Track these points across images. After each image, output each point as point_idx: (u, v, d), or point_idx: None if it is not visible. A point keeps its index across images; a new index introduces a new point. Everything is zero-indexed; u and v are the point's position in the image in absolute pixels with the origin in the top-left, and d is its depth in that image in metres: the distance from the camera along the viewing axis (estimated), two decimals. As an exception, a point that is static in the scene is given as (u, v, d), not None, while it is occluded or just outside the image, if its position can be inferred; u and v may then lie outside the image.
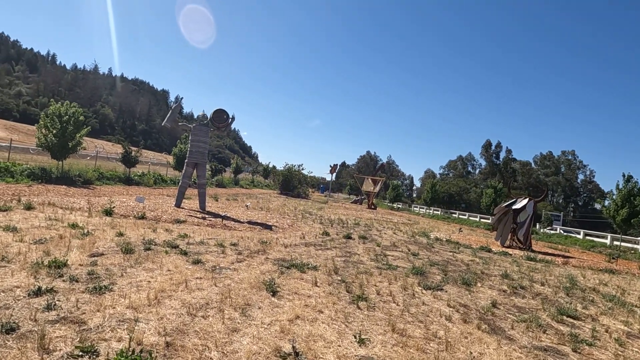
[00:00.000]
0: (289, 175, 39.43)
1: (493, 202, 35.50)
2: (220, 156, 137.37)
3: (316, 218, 17.46)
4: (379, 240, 12.35)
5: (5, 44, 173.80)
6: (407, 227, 19.86)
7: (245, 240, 9.02)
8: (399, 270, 7.68)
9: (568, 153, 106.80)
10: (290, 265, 6.76)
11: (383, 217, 25.83)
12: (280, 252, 8.13)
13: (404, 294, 5.86)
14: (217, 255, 6.88)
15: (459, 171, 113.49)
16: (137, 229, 8.57)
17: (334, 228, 14.27)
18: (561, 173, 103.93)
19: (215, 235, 9.12)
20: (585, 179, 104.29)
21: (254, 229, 11.26)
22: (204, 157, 13.62)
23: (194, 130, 13.48)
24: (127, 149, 22.93)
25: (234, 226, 11.05)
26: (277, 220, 14.02)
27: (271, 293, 5.03)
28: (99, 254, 5.82)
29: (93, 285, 4.35)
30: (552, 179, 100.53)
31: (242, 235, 9.79)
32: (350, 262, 7.97)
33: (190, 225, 10.25)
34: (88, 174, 19.00)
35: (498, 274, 8.74)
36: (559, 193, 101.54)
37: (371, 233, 14.25)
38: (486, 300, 6.16)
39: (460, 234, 19.10)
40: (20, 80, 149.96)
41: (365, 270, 7.19)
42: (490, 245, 14.67)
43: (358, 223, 17.59)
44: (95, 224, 8.43)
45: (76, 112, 18.21)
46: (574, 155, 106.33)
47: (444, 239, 15.33)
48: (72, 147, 18.09)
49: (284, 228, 12.35)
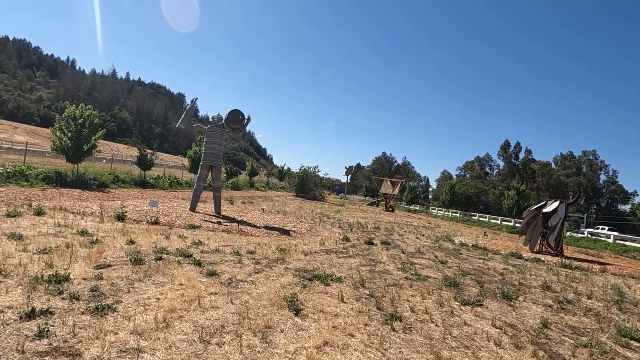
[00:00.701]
0: (305, 178, 38.93)
1: (516, 204, 34.31)
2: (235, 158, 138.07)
3: (334, 222, 16.87)
4: (402, 246, 11.68)
5: (27, 50, 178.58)
6: (428, 231, 19.09)
7: (263, 247, 8.49)
8: (430, 281, 7.03)
9: (589, 153, 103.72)
10: (312, 276, 6.19)
11: (402, 220, 25.07)
12: (300, 260, 7.57)
13: (441, 311, 5.23)
14: (234, 266, 6.36)
15: (476, 172, 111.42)
16: (149, 235, 8.12)
17: (354, 233, 13.66)
18: (582, 173, 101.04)
19: (231, 242, 8.62)
20: (608, 180, 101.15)
21: (271, 234, 10.74)
22: (219, 159, 13.18)
23: (208, 132, 13.06)
24: (143, 151, 22.76)
25: (250, 232, 10.54)
26: (295, 224, 13.48)
27: (294, 312, 4.47)
28: (106, 265, 5.35)
29: (95, 304, 3.85)
30: (574, 179, 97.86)
31: (259, 241, 9.27)
32: (376, 272, 7.36)
33: (205, 231, 9.78)
34: (103, 177, 18.81)
35: (537, 284, 8.00)
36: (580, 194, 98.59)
37: (393, 238, 13.58)
38: (533, 318, 5.48)
39: (485, 238, 18.26)
40: (41, 86, 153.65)
41: (394, 282, 6.57)
42: (519, 251, 13.83)
43: (378, 227, 16.93)
44: (106, 231, 8.01)
45: (91, 114, 18.02)
46: (595, 155, 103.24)
47: (469, 244, 14.54)
48: (87, 150, 17.91)
49: (303, 233, 11.80)
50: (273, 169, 56.42)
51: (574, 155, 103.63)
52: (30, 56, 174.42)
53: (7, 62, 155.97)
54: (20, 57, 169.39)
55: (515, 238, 22.49)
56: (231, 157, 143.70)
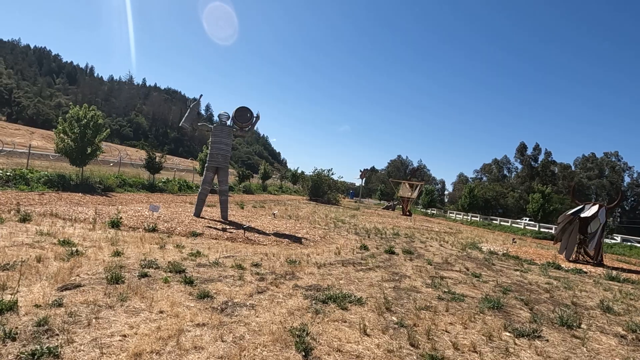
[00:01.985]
0: (319, 181, 37.85)
1: (541, 208, 32.57)
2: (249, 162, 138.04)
3: (350, 227, 15.76)
4: (427, 255, 10.50)
5: (47, 58, 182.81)
6: (451, 237, 17.80)
7: (270, 258, 7.44)
8: (468, 301, 5.86)
9: (611, 155, 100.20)
10: (326, 297, 5.10)
11: (421, 225, 23.76)
12: (313, 275, 6.49)
13: (492, 347, 4.08)
14: (233, 283, 5.32)
15: (494, 175, 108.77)
16: (142, 245, 7.17)
17: (371, 240, 12.53)
18: (604, 175, 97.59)
19: (235, 252, 7.61)
20: (632, 182, 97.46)
21: (281, 242, 9.69)
22: (226, 160, 12.23)
23: (214, 131, 12.14)
24: (151, 154, 22.03)
25: (257, 239, 9.52)
26: (307, 231, 12.41)
27: (303, 352, 3.39)
28: (75, 285, 4.37)
29: (33, 347, 2.85)
30: (596, 182, 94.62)
31: (267, 251, 8.24)
32: (402, 289, 6.23)
33: (207, 239, 8.80)
34: (109, 181, 18.10)
35: (593, 304, 6.74)
36: (603, 197, 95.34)
37: (415, 246, 12.40)
38: (611, 356, 4.28)
39: (514, 245, 16.88)
40: (60, 92, 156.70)
41: (425, 304, 5.43)
42: (557, 261, 12.48)
43: (397, 233, 15.73)
44: (94, 240, 7.09)
45: (95, 115, 17.35)
46: (618, 157, 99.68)
47: (499, 252, 13.24)
48: (91, 153, 17.20)
49: (316, 241, 10.73)
50: (286, 172, 55.51)
51: (595, 157, 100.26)
52: (50, 64, 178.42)
53: (28, 70, 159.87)
54: (41, 64, 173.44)
55: (546, 244, 21.00)
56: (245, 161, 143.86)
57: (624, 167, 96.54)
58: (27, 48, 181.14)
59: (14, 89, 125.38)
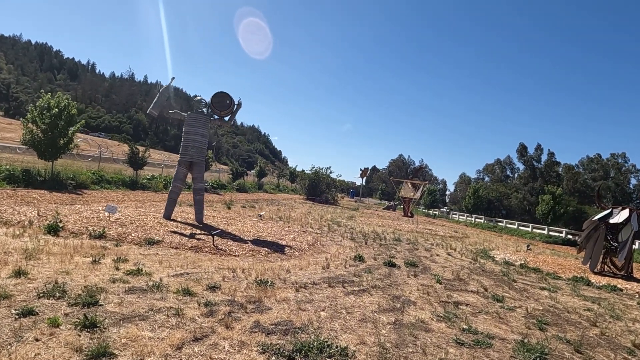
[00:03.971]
0: (316, 179, 36.11)
1: (551, 210, 30.83)
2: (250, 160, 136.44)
3: (346, 231, 14.10)
4: (434, 268, 8.84)
5: (49, 54, 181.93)
6: (458, 242, 16.12)
7: (237, 277, 5.80)
8: (497, 347, 4.21)
9: (618, 156, 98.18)
10: (295, 349, 3.46)
11: (424, 228, 22.06)
12: (287, 303, 4.84)
13: None
14: (161, 324, 3.67)
15: (496, 175, 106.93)
16: (69, 259, 5.53)
17: (369, 247, 10.88)
18: (610, 177, 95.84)
19: (193, 268, 5.97)
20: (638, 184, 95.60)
21: (258, 252, 8.04)
22: (201, 153, 10.59)
23: (188, 120, 10.51)
24: (134, 148, 20.41)
25: (230, 249, 7.87)
26: (295, 236, 10.75)
27: None
28: None
29: None
30: (601, 183, 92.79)
31: (237, 265, 6.60)
32: (405, 326, 4.57)
33: (165, 249, 7.16)
34: (82, 177, 16.46)
35: (658, 344, 5.08)
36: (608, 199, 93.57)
37: (419, 255, 10.74)
38: None
39: (529, 252, 15.18)
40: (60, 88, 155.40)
41: (439, 355, 3.78)
42: (580, 272, 10.82)
43: (399, 238, 14.06)
44: (8, 250, 5.46)
45: (69, 104, 15.74)
46: (625, 158, 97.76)
47: (515, 262, 11.58)
48: (63, 146, 15.59)
49: (302, 250, 9.07)
50: (284, 170, 53.82)
51: (601, 158, 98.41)
52: (51, 59, 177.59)
53: (28, 65, 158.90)
54: (42, 60, 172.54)
55: (561, 251, 19.33)
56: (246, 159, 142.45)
57: (631, 169, 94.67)
58: (28, 44, 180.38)
59: (12, 83, 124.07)
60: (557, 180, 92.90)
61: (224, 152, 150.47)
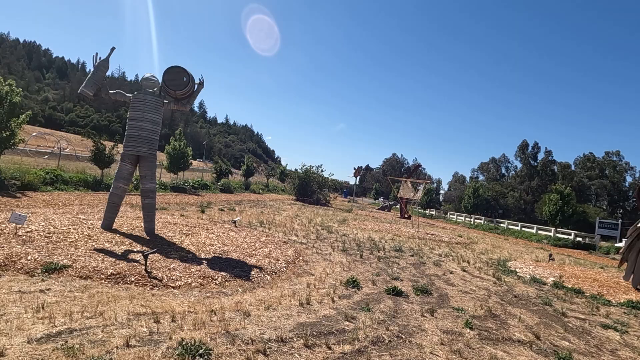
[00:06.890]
0: (307, 179, 33.71)
1: (560, 211, 28.80)
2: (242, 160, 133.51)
3: (337, 239, 11.88)
4: (452, 295, 6.63)
5: (37, 52, 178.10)
6: (468, 250, 13.95)
7: (156, 333, 3.53)
8: None
9: (612, 154, 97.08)
10: None
11: (425, 231, 19.86)
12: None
13: None
14: None
15: (492, 174, 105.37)
16: None
17: (365, 263, 8.65)
18: (605, 175, 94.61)
19: (94, 316, 3.71)
20: (633, 182, 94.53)
21: (212, 279, 5.76)
22: (151, 145, 8.30)
23: (134, 102, 8.25)
24: (99, 144, 17.99)
25: (170, 275, 5.59)
26: (272, 249, 8.49)
27: None
28: None
29: None
30: (597, 182, 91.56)
31: (170, 306, 4.34)
32: None
33: (69, 280, 4.87)
34: (29, 177, 14.06)
35: None
36: (604, 197, 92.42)
37: (429, 273, 8.52)
38: None
39: (552, 262, 13.05)
40: (49, 87, 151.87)
41: None
42: (624, 290, 8.70)
43: (400, 248, 11.83)
44: None
45: (12, 91, 13.37)
46: (619, 156, 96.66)
47: (546, 280, 9.42)
48: (5, 139, 13.22)
49: (277, 271, 6.82)
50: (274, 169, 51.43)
51: (595, 157, 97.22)
52: (40, 58, 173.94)
53: (16, 64, 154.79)
54: (30, 59, 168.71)
55: (579, 257, 17.20)
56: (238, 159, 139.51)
57: (626, 167, 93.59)
58: (16, 42, 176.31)
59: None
60: (553, 179, 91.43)
61: (216, 151, 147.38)
